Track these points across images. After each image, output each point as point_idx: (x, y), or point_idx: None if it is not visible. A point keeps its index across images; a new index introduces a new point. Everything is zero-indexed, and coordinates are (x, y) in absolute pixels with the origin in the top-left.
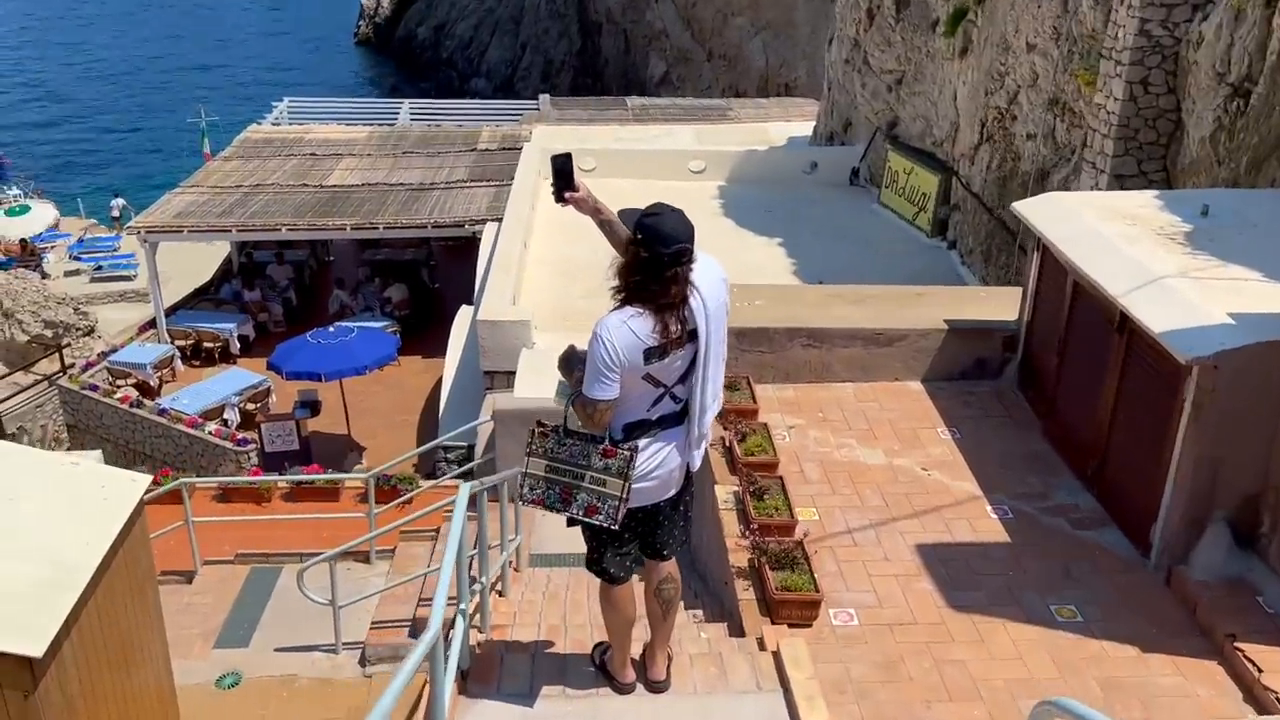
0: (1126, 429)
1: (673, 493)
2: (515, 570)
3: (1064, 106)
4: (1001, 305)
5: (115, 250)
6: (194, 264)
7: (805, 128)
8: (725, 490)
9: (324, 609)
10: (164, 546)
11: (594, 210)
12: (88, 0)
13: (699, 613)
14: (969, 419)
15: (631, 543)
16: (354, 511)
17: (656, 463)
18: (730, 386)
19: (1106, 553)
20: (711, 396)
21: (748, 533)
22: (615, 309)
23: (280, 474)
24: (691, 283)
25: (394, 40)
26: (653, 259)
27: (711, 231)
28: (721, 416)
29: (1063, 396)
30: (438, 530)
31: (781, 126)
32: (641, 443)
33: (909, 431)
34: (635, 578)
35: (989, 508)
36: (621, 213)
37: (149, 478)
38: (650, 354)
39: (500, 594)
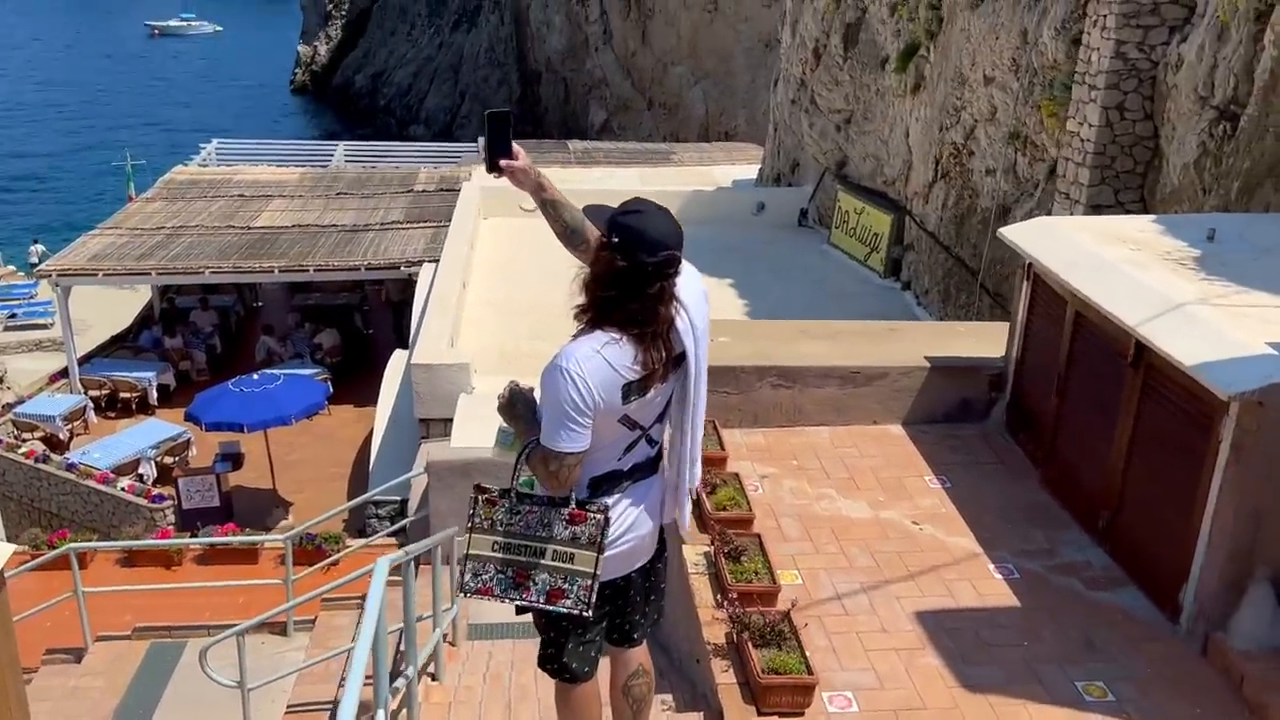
0: (1145, 476)
1: (643, 561)
2: (451, 645)
3: (1025, 140)
4: (982, 341)
5: (31, 297)
6: (117, 311)
7: (749, 171)
8: (695, 551)
9: (232, 691)
10: (54, 619)
11: (536, 186)
12: (10, 45)
13: (668, 698)
14: (958, 466)
15: (597, 627)
16: (273, 577)
17: (628, 524)
18: None
19: (1128, 618)
20: (697, 439)
21: (724, 602)
22: (581, 334)
23: (192, 535)
24: (678, 299)
25: (331, 88)
26: (633, 270)
27: None
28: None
29: (1064, 440)
30: (364, 597)
31: (726, 170)
32: (610, 500)
33: (894, 480)
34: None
35: (991, 566)
36: (587, 209)
37: (9, 548)
38: (629, 390)
39: (433, 678)
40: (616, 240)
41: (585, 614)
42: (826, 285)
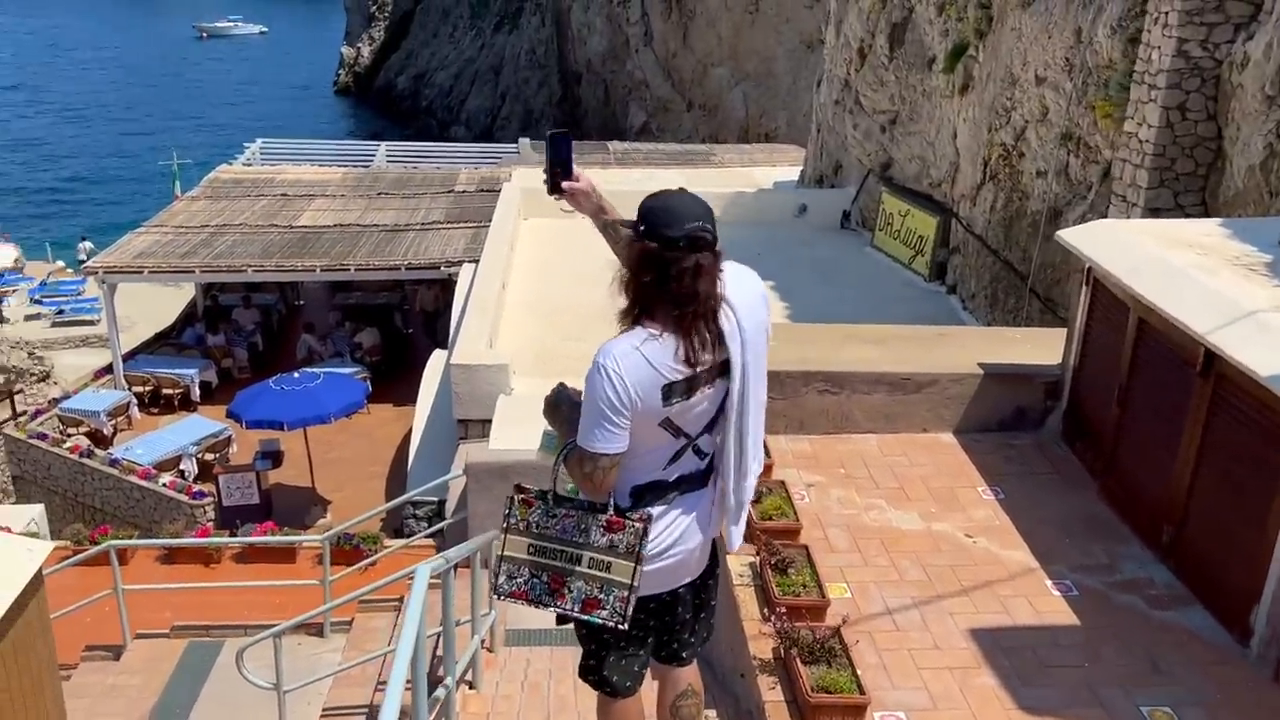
0: (1214, 489)
1: (692, 577)
2: (489, 651)
3: (1078, 141)
4: (1037, 347)
5: (79, 294)
6: (160, 309)
7: (791, 173)
8: (740, 562)
9: (269, 692)
10: (95, 614)
11: (597, 208)
12: (64, 47)
13: (711, 714)
14: (1012, 476)
15: (642, 642)
16: (310, 577)
17: (674, 538)
18: None
19: (1195, 639)
20: (754, 452)
21: (771, 616)
22: (623, 333)
23: (231, 533)
24: (724, 294)
25: (374, 89)
26: (663, 248)
27: None
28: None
29: (1125, 450)
30: (401, 599)
31: (767, 171)
32: (655, 510)
33: (946, 491)
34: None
35: (1049, 582)
36: (624, 224)
37: (49, 545)
38: (671, 391)
39: (471, 686)
40: (644, 227)
41: (621, 626)
42: (870, 289)
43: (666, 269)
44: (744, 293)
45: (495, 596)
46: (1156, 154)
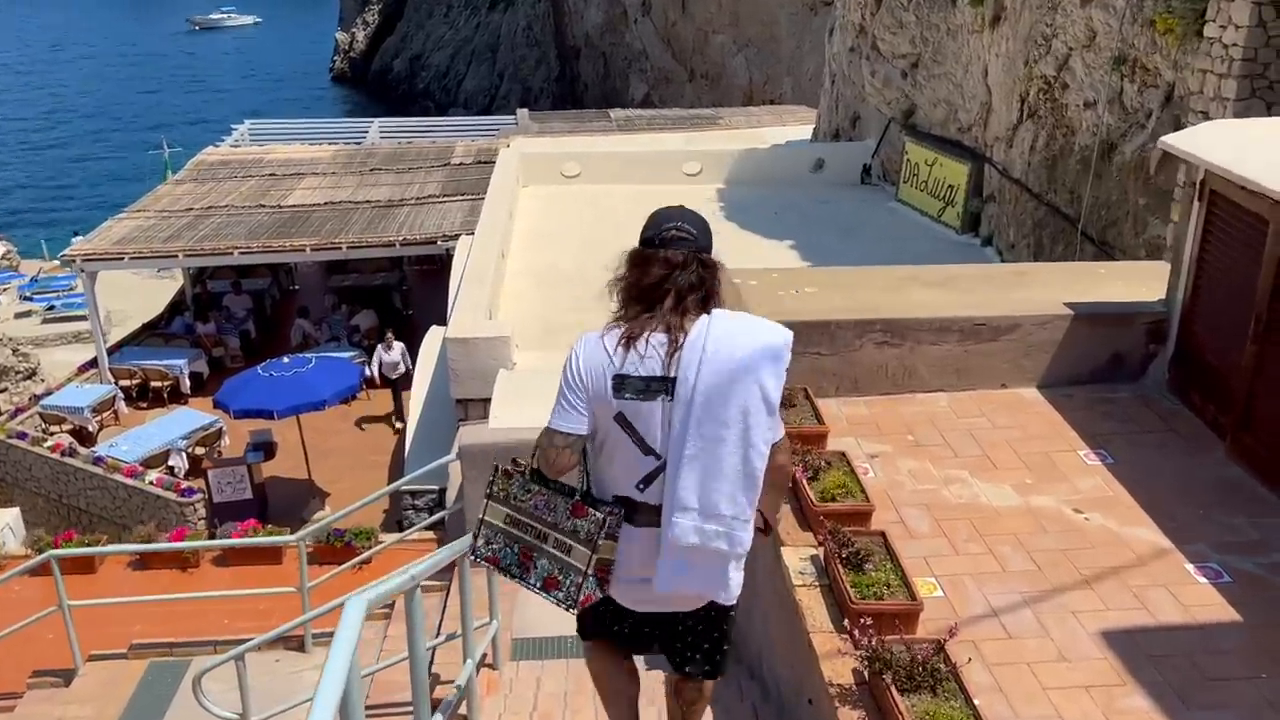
0: None
1: (681, 609)
2: (490, 669)
3: (1134, 64)
4: (1131, 283)
5: (70, 289)
6: (156, 302)
7: (802, 132)
8: (798, 555)
9: None
10: (57, 630)
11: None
12: (56, 44)
13: None
14: (1117, 436)
15: (620, 636)
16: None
17: (633, 564)
18: (785, 402)
19: None
20: (710, 487)
21: (850, 627)
22: None
23: (211, 534)
24: (689, 311)
25: (370, 74)
26: (643, 247)
27: (715, 236)
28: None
29: (1265, 399)
30: (392, 606)
31: (776, 131)
32: (626, 528)
33: (1040, 457)
34: None
35: (1190, 567)
36: None
37: None
38: (624, 384)
39: None
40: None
41: (571, 611)
42: (897, 245)
43: (642, 269)
44: (735, 334)
45: (472, 558)
46: (1247, 59)
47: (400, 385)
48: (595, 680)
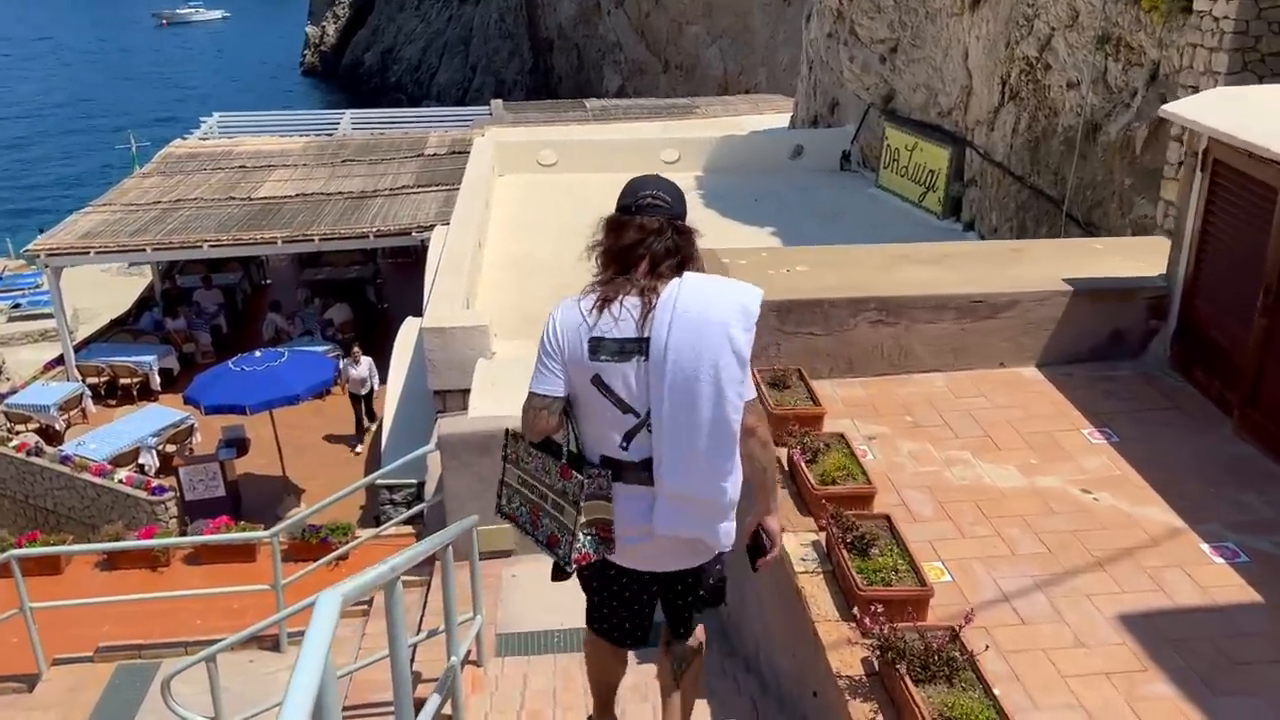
0: None
1: (677, 566)
2: (475, 666)
3: (1118, 42)
4: (1128, 258)
5: (36, 287)
6: (125, 298)
7: (779, 120)
8: (798, 540)
9: None
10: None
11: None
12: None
13: None
14: (1120, 414)
15: (623, 603)
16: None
17: (625, 520)
18: (778, 384)
19: None
20: (698, 444)
21: (860, 615)
22: None
23: (181, 531)
24: (663, 275)
25: (341, 68)
26: (619, 214)
27: (694, 223)
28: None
29: (1274, 377)
30: (372, 601)
31: (753, 120)
32: (617, 488)
33: (1044, 437)
34: None
35: (1205, 547)
36: None
37: None
38: (599, 347)
39: None
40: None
41: (568, 569)
42: (877, 231)
43: (617, 234)
44: (706, 293)
45: (497, 515)
46: (1238, 30)
47: (369, 402)
48: (588, 660)
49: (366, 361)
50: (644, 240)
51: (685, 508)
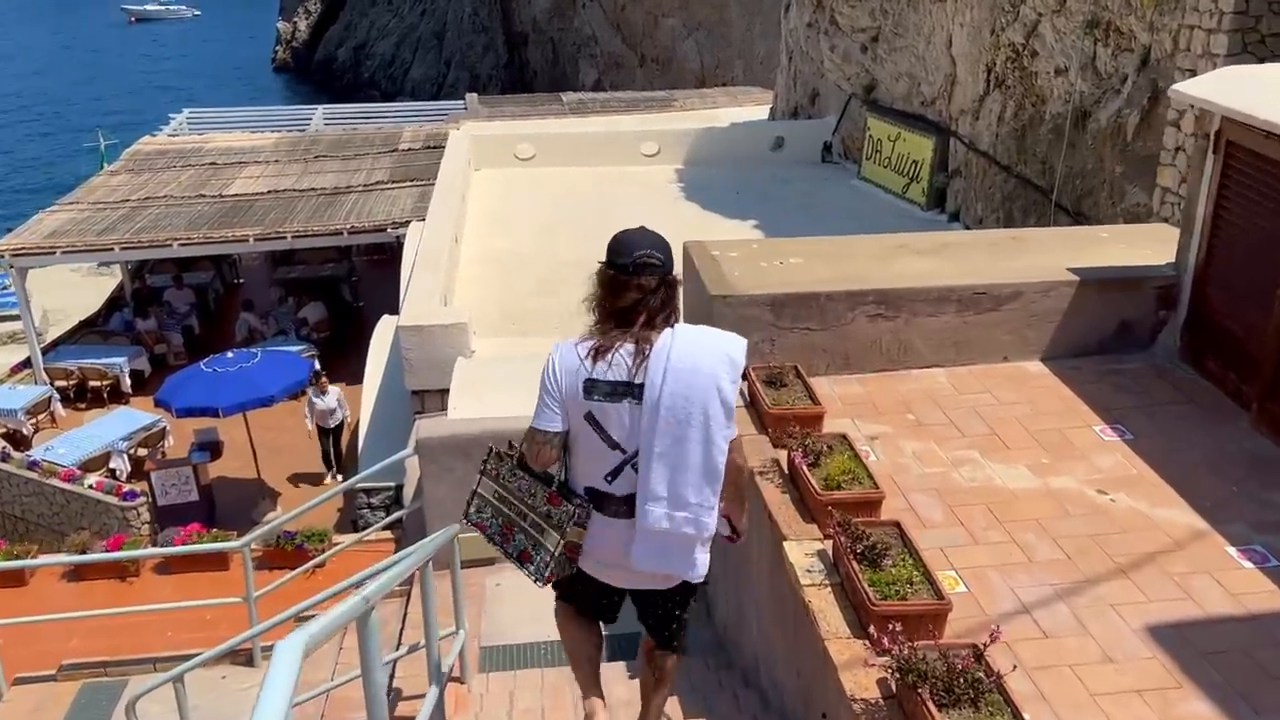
0: None
1: (651, 586)
2: (458, 683)
3: (1107, 27)
4: (1134, 246)
5: (3, 289)
6: (95, 299)
7: (758, 113)
8: (803, 550)
9: None
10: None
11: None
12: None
13: None
14: (1133, 410)
15: (591, 601)
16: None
17: (601, 548)
18: (775, 382)
19: None
20: (679, 480)
21: (876, 632)
22: None
23: (152, 540)
24: (657, 327)
25: (314, 64)
26: (612, 271)
27: (676, 216)
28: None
29: None
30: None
31: (732, 112)
32: (596, 518)
33: (1054, 434)
34: None
35: (1232, 550)
36: None
37: None
38: (594, 387)
39: None
40: (606, 256)
41: (539, 584)
42: (860, 223)
43: (612, 290)
44: (697, 346)
45: (464, 520)
46: (1238, 10)
47: (337, 436)
48: (561, 630)
49: (334, 391)
50: (642, 299)
51: (666, 542)
